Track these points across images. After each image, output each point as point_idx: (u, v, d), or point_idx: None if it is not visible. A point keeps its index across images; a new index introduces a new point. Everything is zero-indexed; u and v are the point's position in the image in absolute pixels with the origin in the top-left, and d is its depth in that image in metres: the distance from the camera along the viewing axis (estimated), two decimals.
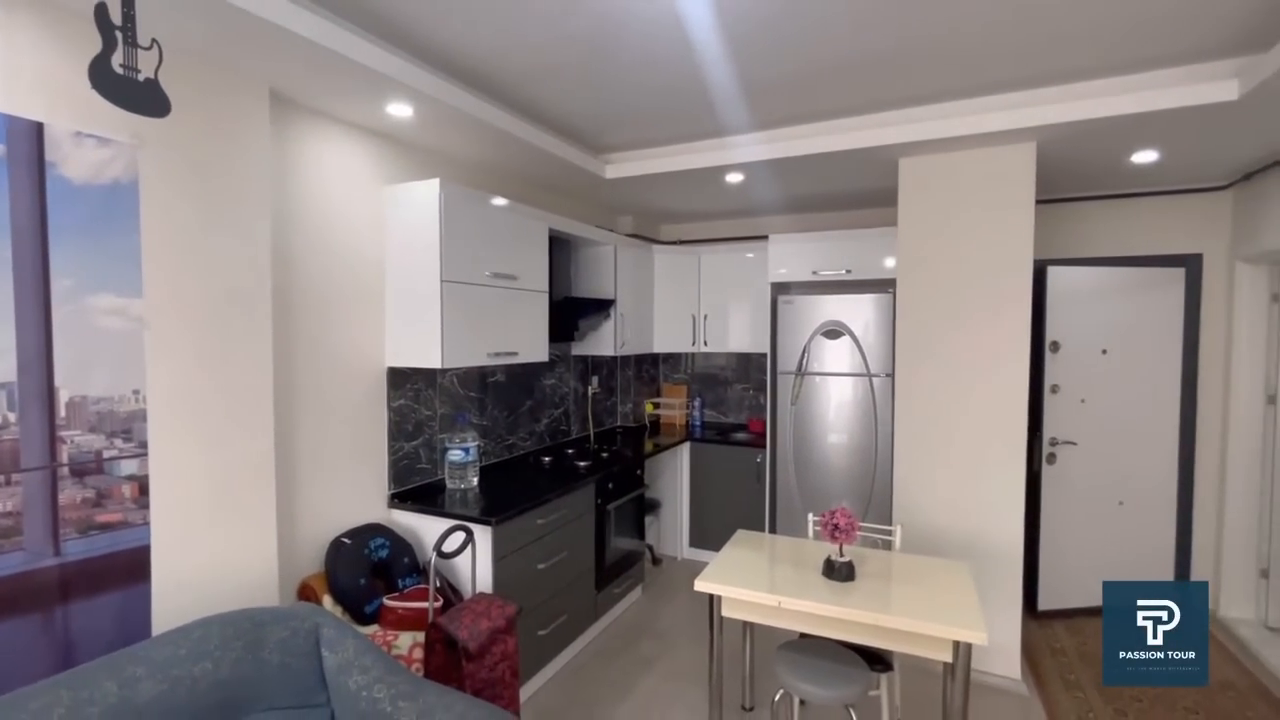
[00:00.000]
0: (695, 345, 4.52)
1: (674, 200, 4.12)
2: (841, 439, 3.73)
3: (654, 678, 2.86)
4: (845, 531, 2.13)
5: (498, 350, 2.83)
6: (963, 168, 2.88)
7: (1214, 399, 3.48)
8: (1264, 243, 3.06)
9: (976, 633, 1.79)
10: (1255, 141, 2.71)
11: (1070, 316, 3.42)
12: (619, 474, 3.44)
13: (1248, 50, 2.13)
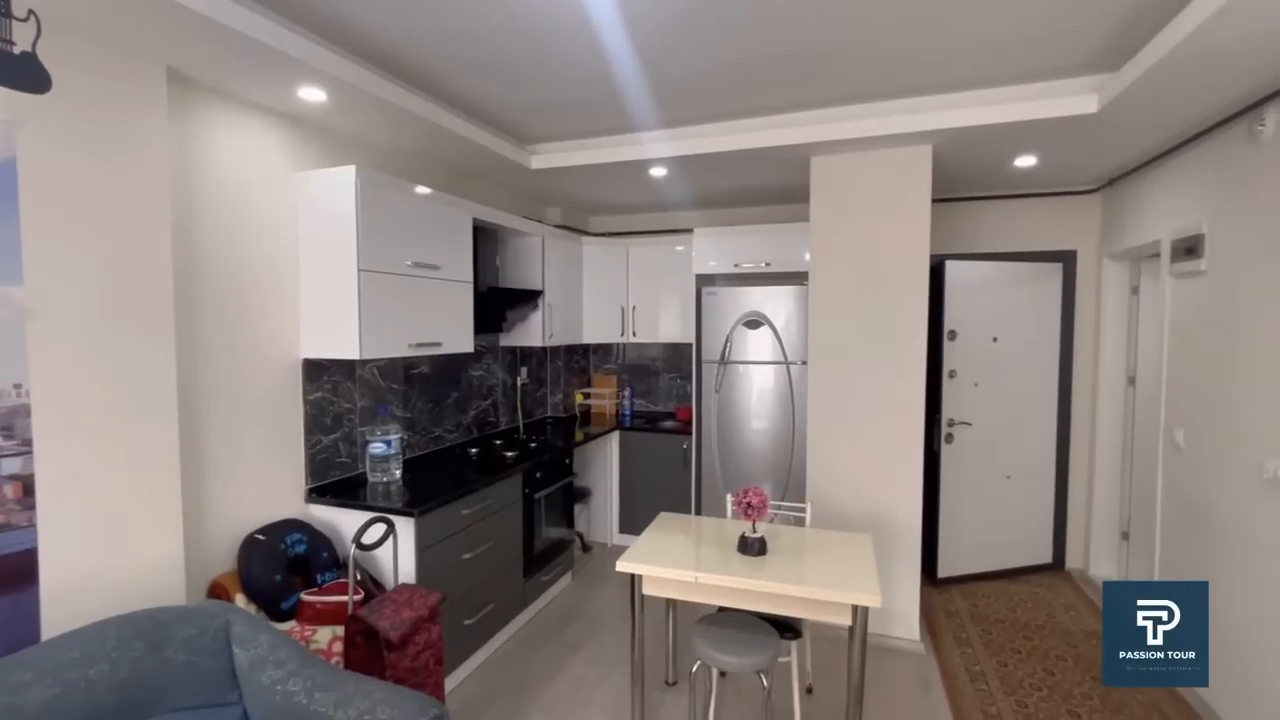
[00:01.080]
0: (624, 336, 4.59)
1: (602, 192, 4.17)
2: (762, 424, 3.90)
3: (581, 660, 2.93)
4: (757, 509, 2.26)
5: (420, 341, 2.80)
6: (868, 167, 3.07)
7: (1085, 381, 3.88)
8: (1125, 241, 3.43)
9: (872, 596, 1.95)
10: (1116, 150, 3.03)
11: (965, 307, 3.71)
12: (547, 463, 3.48)
13: (1105, 69, 2.39)
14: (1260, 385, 2.22)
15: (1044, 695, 2.64)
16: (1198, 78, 2.12)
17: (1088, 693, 2.66)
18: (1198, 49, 1.90)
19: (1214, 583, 2.48)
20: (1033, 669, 2.84)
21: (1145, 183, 3.21)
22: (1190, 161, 2.77)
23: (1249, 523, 2.27)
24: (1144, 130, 2.70)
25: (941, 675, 2.80)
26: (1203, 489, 2.58)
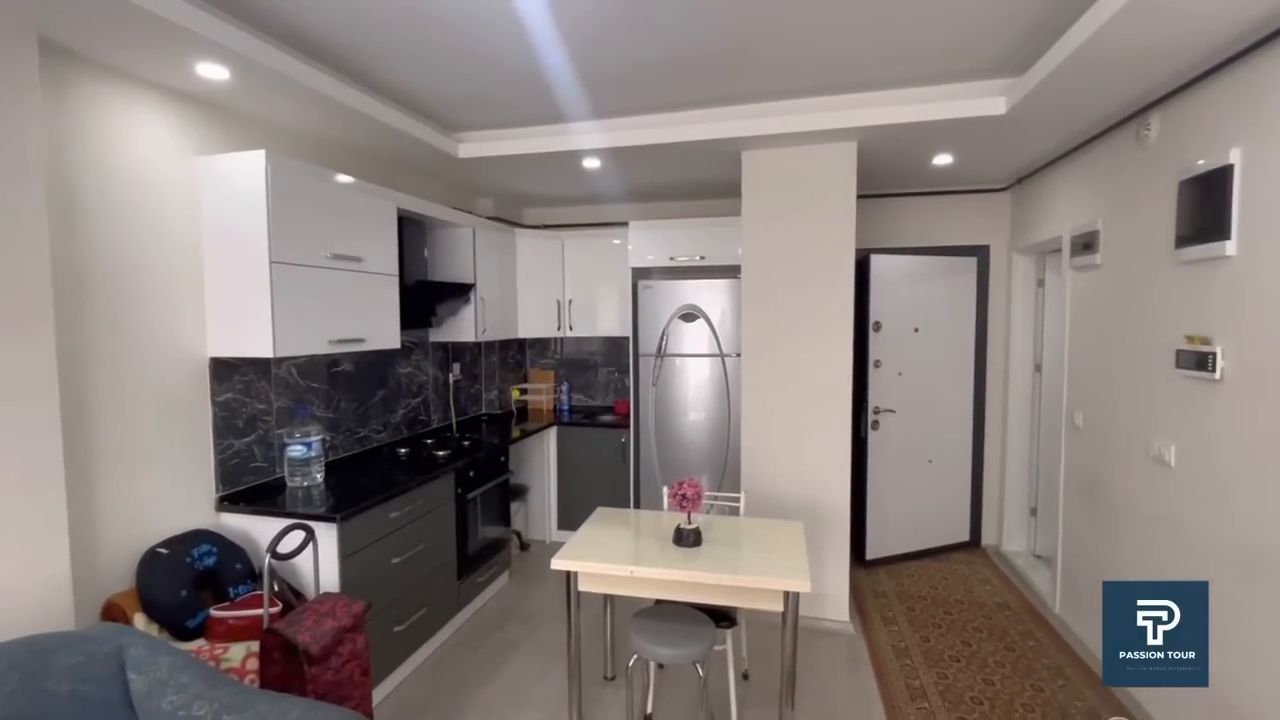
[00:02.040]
0: (561, 330, 4.53)
1: (535, 184, 4.09)
2: (699, 416, 3.94)
3: (519, 660, 2.88)
4: (692, 501, 2.28)
5: (342, 337, 2.66)
6: (797, 162, 3.14)
7: (998, 368, 4.12)
8: (1032, 236, 3.65)
9: (802, 582, 2.00)
10: (1023, 151, 3.22)
11: (889, 299, 3.86)
12: (482, 461, 3.39)
13: (1013, 73, 2.52)
14: (1144, 370, 2.41)
15: (962, 666, 2.80)
16: (1092, 83, 2.26)
17: (1000, 661, 2.84)
18: (1091, 57, 2.03)
19: (1105, 550, 2.69)
20: (952, 642, 3.00)
21: (1049, 182, 3.43)
22: (1087, 162, 2.97)
23: (1135, 495, 2.47)
24: (1047, 132, 2.87)
25: (869, 653, 2.92)
26: (1098, 466, 2.79)
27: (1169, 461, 2.25)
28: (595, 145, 3.18)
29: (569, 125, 3.15)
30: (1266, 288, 1.83)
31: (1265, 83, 1.85)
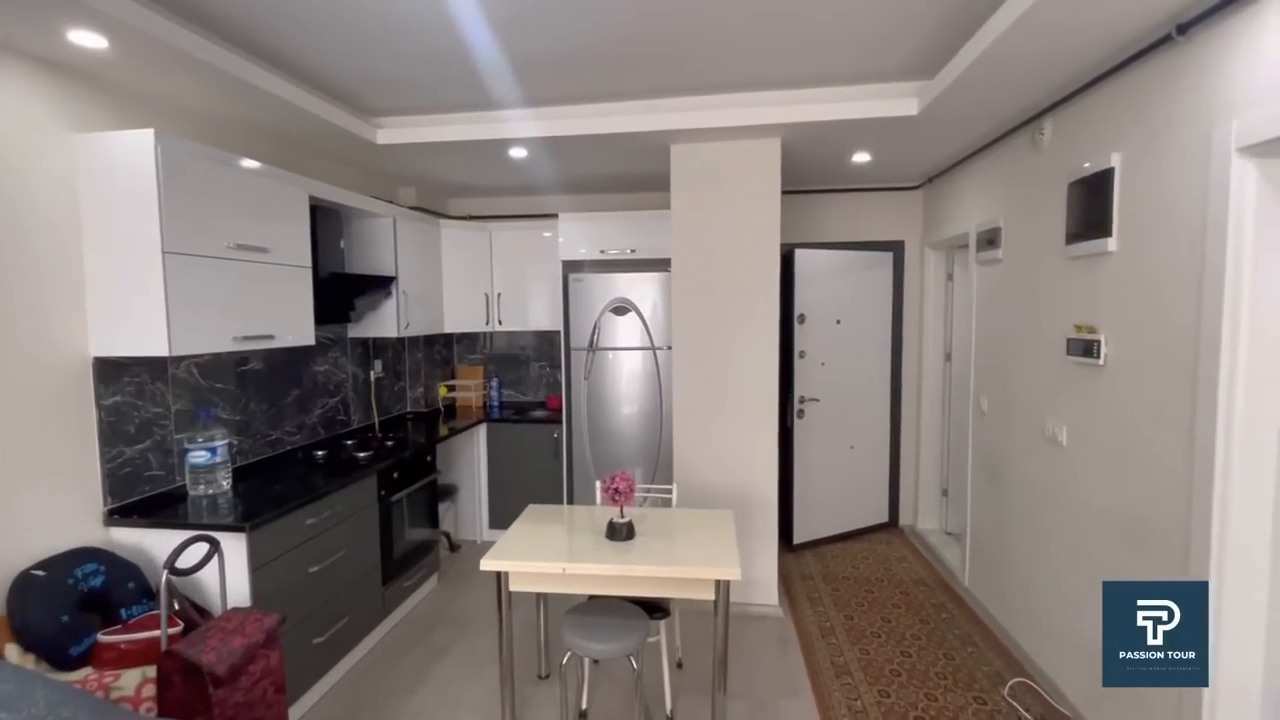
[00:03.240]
0: (490, 324, 4.42)
1: (460, 173, 3.96)
2: (632, 410, 3.94)
3: (449, 664, 2.80)
4: (624, 494, 2.28)
5: (248, 334, 2.48)
6: (724, 157, 3.18)
7: (912, 358, 4.35)
8: (942, 232, 3.87)
9: (732, 570, 2.04)
10: (934, 151, 3.40)
11: (813, 292, 3.99)
12: (407, 462, 3.26)
13: (925, 75, 2.65)
14: (1040, 357, 2.61)
15: (882, 641, 2.95)
16: (993, 89, 2.41)
17: (916, 633, 3.01)
18: (992, 64, 2.16)
19: (1007, 526, 2.90)
20: (873, 619, 3.15)
21: (956, 181, 3.64)
22: (990, 163, 3.17)
23: (1032, 473, 2.68)
24: (954, 134, 3.04)
25: (797, 634, 3.03)
26: (1001, 447, 3.00)
27: (1061, 441, 2.44)
28: (522, 134, 3.11)
29: (495, 113, 3.06)
30: (1141, 280, 2.01)
31: (1140, 92, 2.02)
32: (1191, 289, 1.79)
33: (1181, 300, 1.83)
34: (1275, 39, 1.54)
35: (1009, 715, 2.40)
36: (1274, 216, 1.63)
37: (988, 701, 2.48)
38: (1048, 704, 2.44)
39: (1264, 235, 1.63)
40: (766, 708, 2.48)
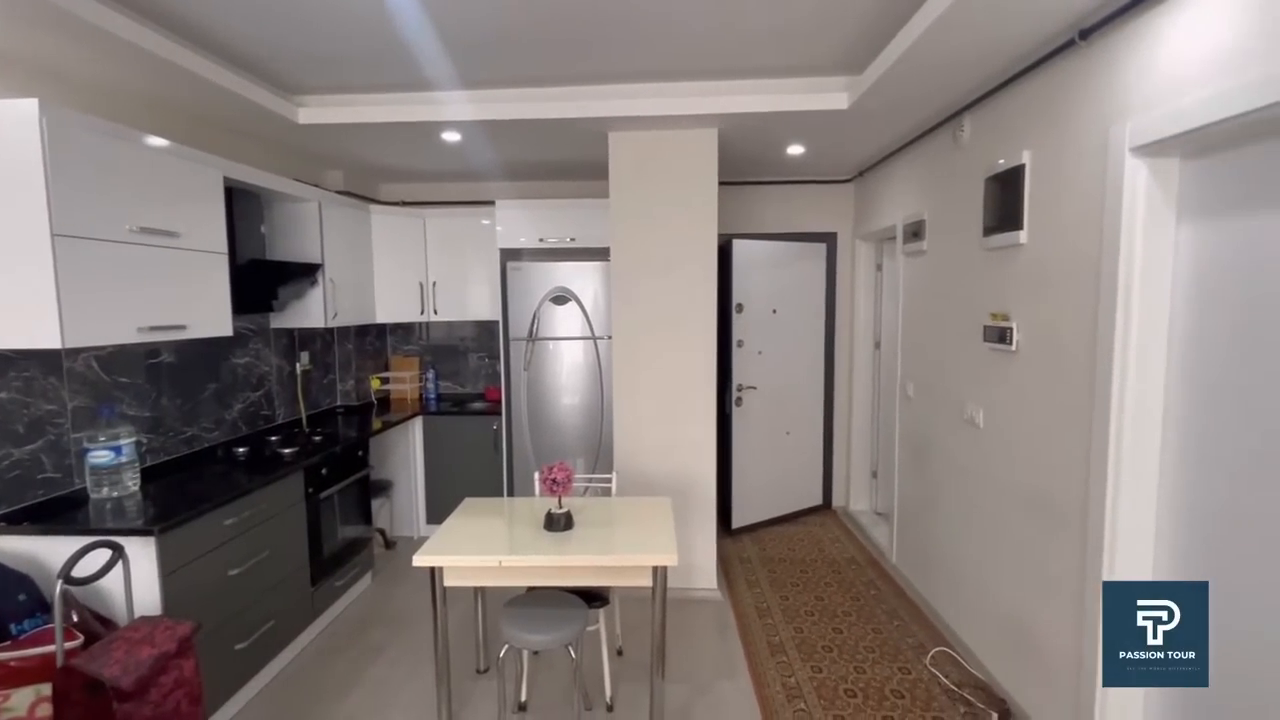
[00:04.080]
0: (425, 314, 4.29)
1: (390, 156, 3.80)
2: (574, 400, 3.92)
3: (384, 664, 2.72)
4: (563, 485, 2.27)
5: (156, 324, 2.31)
6: (662, 146, 3.18)
7: (844, 346, 4.50)
8: (871, 225, 4.01)
9: (669, 556, 2.06)
10: (864, 145, 3.51)
11: (750, 282, 4.07)
12: (336, 457, 3.14)
13: (855, 70, 2.72)
14: (960, 344, 2.75)
15: (815, 619, 3.06)
16: (917, 86, 2.50)
17: (847, 610, 3.14)
18: (915, 62, 2.24)
19: (931, 505, 3.05)
20: (807, 598, 3.27)
21: (885, 175, 3.77)
22: (916, 158, 3.30)
23: (953, 453, 2.83)
24: (882, 128, 3.15)
25: (735, 616, 3.10)
26: (925, 430, 3.15)
27: (979, 423, 2.59)
28: (455, 117, 3.02)
29: (426, 94, 2.96)
30: (1048, 271, 2.15)
31: (1048, 93, 2.15)
32: (1091, 279, 1.92)
33: (1082, 290, 1.96)
34: (1165, 47, 1.66)
35: (930, 683, 2.53)
36: (1161, 212, 1.76)
37: (911, 671, 2.61)
38: (965, 670, 2.60)
39: (1151, 230, 1.76)
40: (705, 690, 2.53)
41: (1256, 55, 1.39)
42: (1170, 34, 1.63)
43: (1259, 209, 1.52)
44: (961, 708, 2.38)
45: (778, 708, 2.40)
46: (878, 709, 2.38)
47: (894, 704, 2.40)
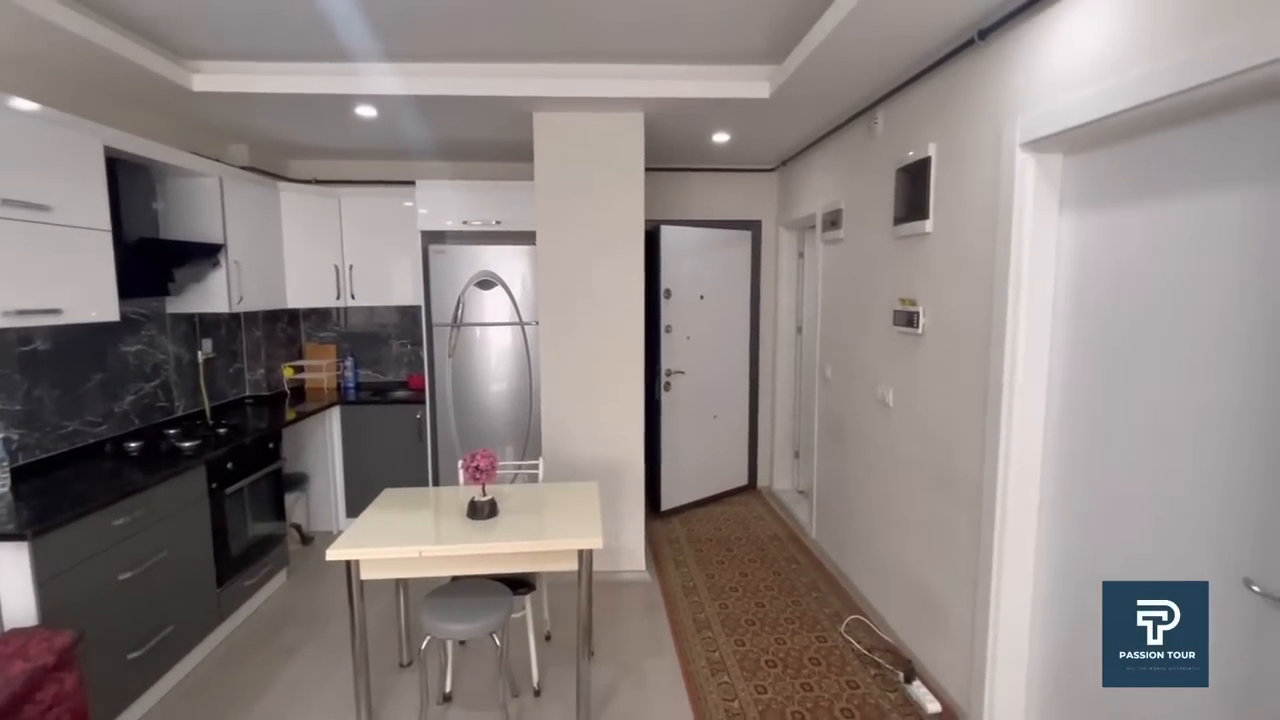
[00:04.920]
0: (341, 299, 4.09)
1: (300, 131, 3.58)
2: (501, 387, 3.85)
3: (300, 664, 2.61)
4: (486, 472, 2.23)
5: (25, 308, 2.10)
6: (588, 129, 3.14)
7: (769, 331, 4.64)
8: (794, 213, 4.13)
9: (594, 539, 2.07)
10: (786, 134, 3.60)
11: (678, 268, 4.11)
12: (244, 450, 2.96)
13: (775, 60, 2.77)
14: (873, 328, 2.88)
15: (739, 595, 3.16)
16: (834, 76, 2.58)
17: (770, 585, 3.26)
18: (831, 52, 2.31)
19: (847, 481, 3.21)
20: (731, 575, 3.37)
21: (806, 164, 3.88)
22: (834, 149, 3.41)
23: (866, 432, 2.97)
24: (802, 119, 3.23)
25: (663, 596, 3.16)
26: (841, 410, 3.29)
27: (889, 403, 2.73)
28: (370, 91, 2.87)
29: (339, 65, 2.80)
30: (950, 258, 2.28)
31: (952, 89, 2.26)
32: (987, 266, 2.05)
33: (979, 276, 2.09)
34: (1051, 49, 1.78)
35: (844, 649, 2.68)
36: (1047, 204, 1.90)
37: (827, 639, 2.75)
38: (876, 635, 2.76)
39: (1038, 221, 1.90)
40: (632, 669, 2.57)
41: (1126, 61, 1.51)
42: (1054, 38, 1.75)
43: (1126, 202, 1.66)
44: (872, 670, 2.53)
45: (702, 681, 2.47)
46: (796, 676, 2.49)
47: (811, 671, 2.52)
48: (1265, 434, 1.32)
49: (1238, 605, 1.36)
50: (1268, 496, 1.31)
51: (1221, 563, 1.41)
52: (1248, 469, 1.36)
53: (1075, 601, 1.86)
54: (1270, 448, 1.31)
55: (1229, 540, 1.40)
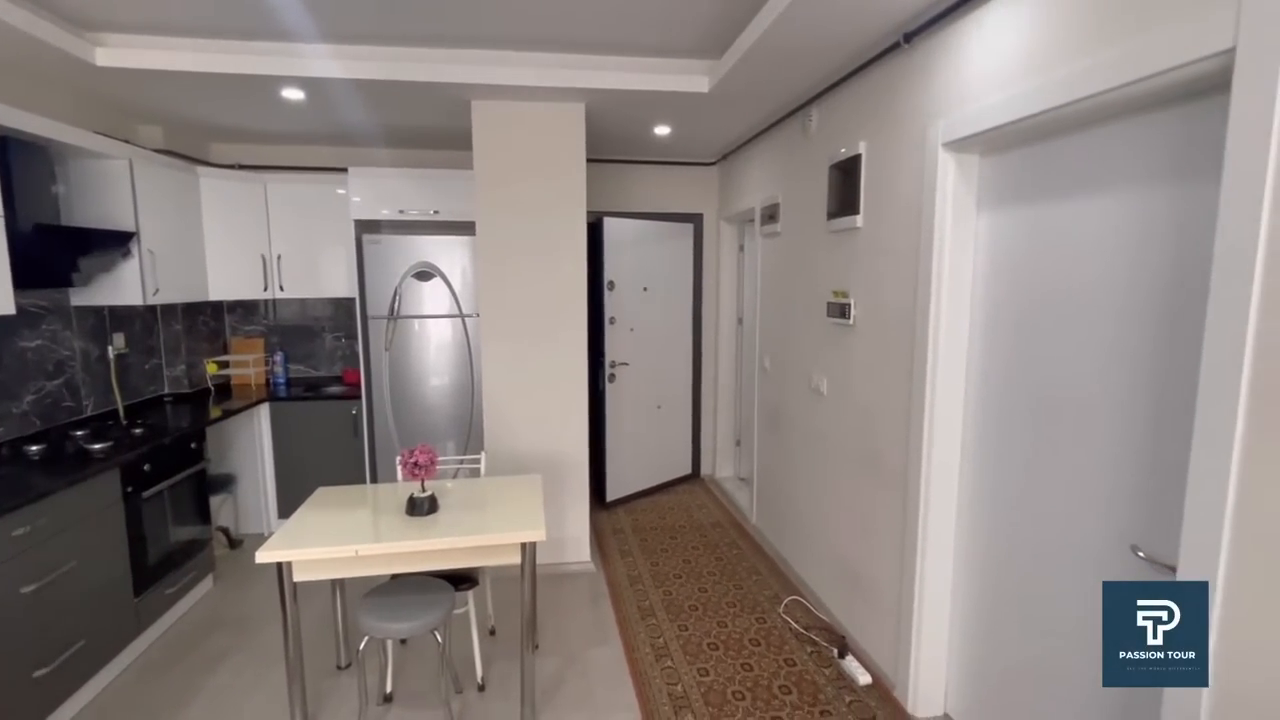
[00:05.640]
0: (269, 291, 3.90)
1: (221, 113, 3.38)
2: (442, 381, 3.77)
3: (228, 672, 2.50)
4: (425, 468, 2.19)
5: None
6: (529, 118, 3.10)
7: (711, 322, 4.72)
8: (734, 207, 4.21)
9: (537, 532, 2.07)
10: (726, 129, 3.65)
11: (622, 260, 4.12)
12: (163, 451, 2.80)
13: (714, 55, 2.81)
14: (808, 319, 2.98)
15: (683, 581, 3.22)
16: (770, 73, 2.64)
17: (712, 570, 3.34)
18: (767, 49, 2.36)
19: (785, 467, 3.31)
20: (675, 562, 3.44)
21: (746, 159, 3.96)
22: (771, 145, 3.49)
23: (802, 419, 3.08)
24: (741, 113, 3.29)
25: (608, 586, 3.19)
26: (779, 399, 3.40)
27: (823, 391, 2.84)
28: (298, 73, 2.74)
29: (263, 44, 2.66)
30: (878, 252, 2.38)
31: (880, 89, 2.36)
32: (912, 260, 2.15)
33: (905, 269, 2.20)
34: (970, 54, 1.88)
35: (783, 629, 2.78)
36: (965, 202, 2.01)
37: (767, 620, 2.85)
38: (813, 614, 2.88)
39: (958, 218, 2.01)
40: (577, 659, 2.59)
41: (1033, 69, 1.62)
42: (973, 45, 1.85)
43: (1033, 201, 1.78)
44: (809, 647, 2.63)
45: (646, 667, 2.51)
46: (737, 657, 2.57)
47: (751, 651, 2.61)
48: (1147, 414, 1.45)
49: (1126, 569, 1.50)
50: (1151, 471, 1.45)
51: (1113, 531, 1.55)
52: (1132, 445, 1.49)
53: (990, 572, 2.00)
54: (1151, 427, 1.44)
55: (1118, 510, 1.54)
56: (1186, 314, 1.33)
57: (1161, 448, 1.41)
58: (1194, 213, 1.32)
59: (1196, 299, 1.23)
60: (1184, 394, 1.28)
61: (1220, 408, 1.15)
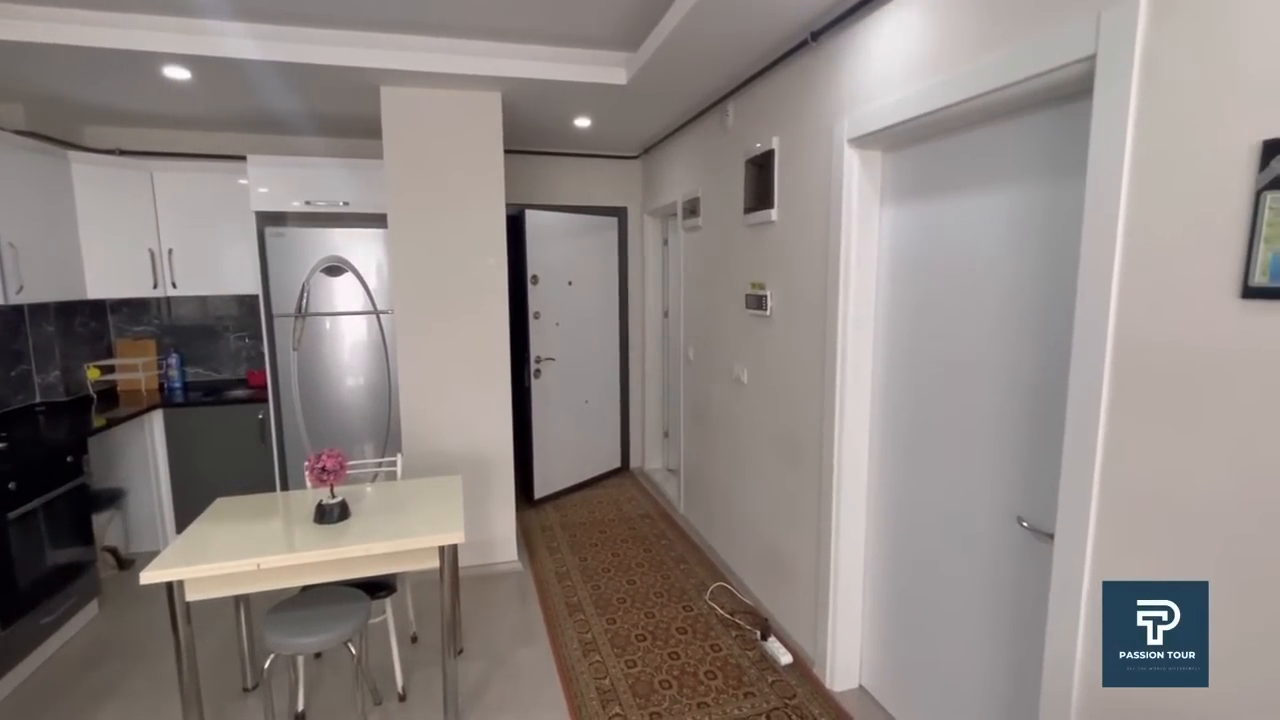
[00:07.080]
0: (160, 288, 3.59)
1: (94, 92, 3.06)
2: (357, 381, 3.59)
3: (118, 705, 2.29)
4: (334, 473, 2.08)
5: None
6: (442, 106, 2.99)
7: (637, 316, 4.73)
8: (657, 201, 4.23)
9: (456, 534, 2.01)
10: (647, 122, 3.65)
11: (545, 254, 4.06)
12: (32, 466, 2.52)
13: (632, 48, 2.80)
14: (728, 311, 3.04)
15: (612, 575, 3.23)
16: (685, 66, 2.65)
17: (640, 562, 3.36)
18: (681, 43, 2.37)
19: (709, 456, 3.37)
20: (604, 556, 3.43)
21: (667, 153, 3.98)
22: (692, 139, 3.53)
23: (724, 408, 3.14)
24: (660, 106, 3.30)
25: (535, 584, 3.15)
26: (703, 390, 3.45)
27: (744, 380, 2.90)
28: (180, 50, 2.52)
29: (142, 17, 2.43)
30: (792, 245, 2.45)
31: (791, 86, 2.42)
32: (822, 253, 2.23)
33: (816, 261, 2.27)
34: (872, 53, 1.96)
35: (709, 616, 2.83)
36: (870, 196, 2.10)
37: (693, 608, 2.89)
38: (738, 599, 2.95)
39: (864, 212, 2.10)
40: (504, 660, 2.54)
41: (927, 69, 1.70)
42: (876, 43, 1.93)
43: (928, 195, 1.88)
44: (734, 632, 2.70)
45: (574, 663, 2.50)
46: (665, 647, 2.59)
47: (678, 640, 2.64)
48: (1028, 396, 1.56)
49: (1012, 538, 1.61)
50: (1033, 446, 1.56)
51: (1000, 503, 1.66)
52: (1016, 425, 1.60)
53: (896, 548, 2.11)
54: (1032, 408, 1.55)
55: (1004, 484, 1.65)
56: (1061, 302, 1.43)
57: (1042, 427, 1.53)
58: (1066, 206, 1.43)
59: (1070, 287, 1.33)
60: (1061, 376, 1.38)
61: (1088, 387, 1.26)
